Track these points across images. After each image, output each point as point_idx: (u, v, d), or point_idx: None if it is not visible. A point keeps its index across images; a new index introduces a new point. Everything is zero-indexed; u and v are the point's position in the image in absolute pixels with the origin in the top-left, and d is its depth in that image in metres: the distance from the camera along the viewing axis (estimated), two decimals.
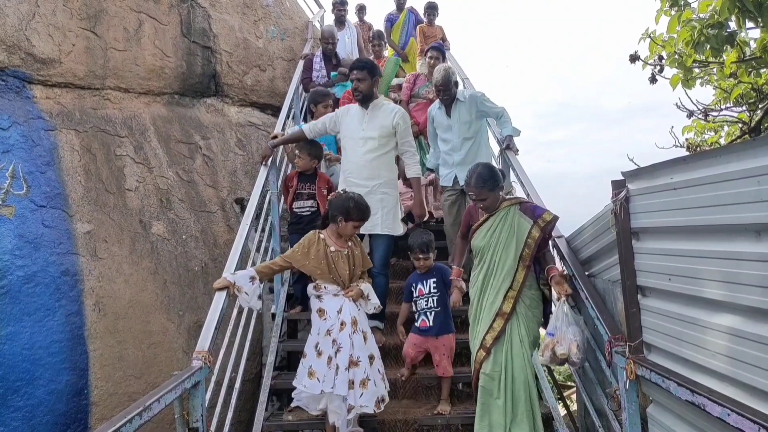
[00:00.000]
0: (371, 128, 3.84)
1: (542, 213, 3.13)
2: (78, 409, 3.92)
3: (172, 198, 5.03)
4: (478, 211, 3.29)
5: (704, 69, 4.59)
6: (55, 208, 4.19)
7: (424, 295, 3.58)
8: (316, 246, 3.21)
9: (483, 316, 3.15)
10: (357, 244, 3.36)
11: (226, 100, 6.27)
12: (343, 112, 4.03)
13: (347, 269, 3.23)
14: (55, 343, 3.89)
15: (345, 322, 3.10)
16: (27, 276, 3.89)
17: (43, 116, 4.45)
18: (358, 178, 3.83)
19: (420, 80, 5.85)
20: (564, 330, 2.84)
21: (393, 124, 3.83)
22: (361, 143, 3.84)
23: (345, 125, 3.97)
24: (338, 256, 3.21)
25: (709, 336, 1.94)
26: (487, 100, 4.53)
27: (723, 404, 1.76)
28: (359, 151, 3.84)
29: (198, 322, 4.64)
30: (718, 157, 1.89)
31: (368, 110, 3.88)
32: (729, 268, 1.83)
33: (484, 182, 3.12)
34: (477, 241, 3.24)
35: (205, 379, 2.45)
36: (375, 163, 3.83)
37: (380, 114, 3.87)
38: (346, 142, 3.96)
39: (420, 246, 3.57)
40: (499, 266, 3.11)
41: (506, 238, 3.12)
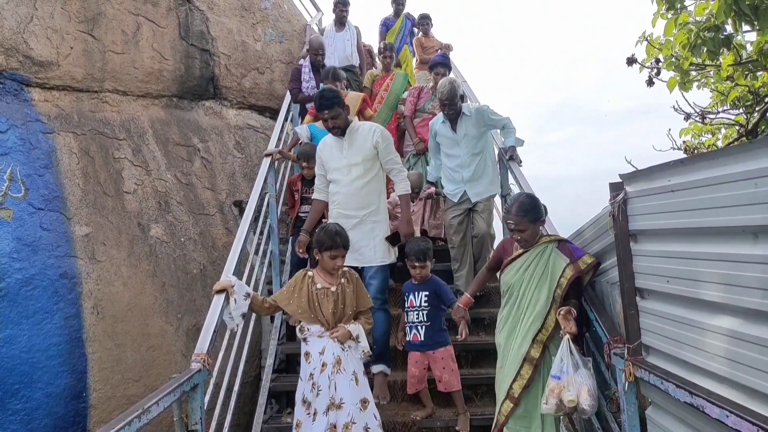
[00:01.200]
0: (353, 154, 3.62)
1: (583, 255, 2.86)
2: (76, 412, 3.91)
3: (170, 201, 5.03)
4: (513, 245, 3.03)
5: (701, 72, 4.61)
6: (53, 211, 4.18)
7: (414, 307, 3.45)
8: (300, 285, 3.00)
9: (509, 362, 2.85)
10: (351, 281, 3.07)
11: (224, 103, 6.27)
12: (320, 149, 3.79)
13: (331, 308, 2.95)
14: (53, 346, 3.88)
15: (326, 363, 2.86)
16: (25, 279, 3.88)
17: (41, 119, 4.45)
18: (347, 208, 3.58)
19: (425, 94, 5.65)
20: (572, 373, 2.55)
21: (373, 143, 3.59)
22: (345, 171, 3.61)
23: (328, 159, 3.72)
24: (324, 294, 2.97)
25: (708, 338, 1.95)
26: (492, 113, 4.37)
27: (722, 406, 1.77)
28: (345, 180, 3.61)
29: (196, 324, 4.63)
30: (715, 160, 1.90)
31: (345, 137, 3.64)
32: (727, 270, 1.84)
33: (525, 212, 2.86)
34: (508, 276, 2.96)
35: (204, 381, 2.45)
36: (364, 191, 3.60)
37: (359, 137, 3.64)
38: (334, 174, 3.68)
39: (417, 253, 3.42)
40: (529, 307, 2.84)
41: (539, 276, 2.85)
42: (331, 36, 7.02)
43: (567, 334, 2.63)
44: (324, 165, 3.74)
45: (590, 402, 2.51)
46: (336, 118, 3.55)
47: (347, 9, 7.23)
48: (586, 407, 2.51)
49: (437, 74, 5.32)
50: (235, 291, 2.87)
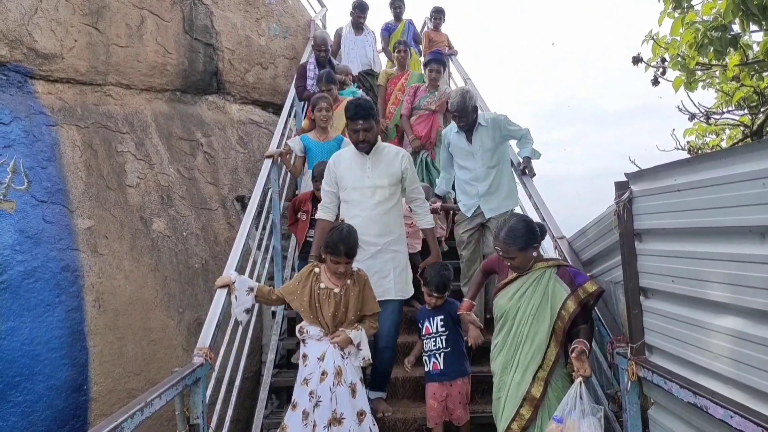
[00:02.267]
0: (378, 175, 3.30)
1: (584, 282, 2.65)
2: (77, 404, 3.91)
3: (173, 195, 5.02)
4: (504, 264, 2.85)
5: (707, 72, 4.59)
6: (55, 204, 4.18)
7: (431, 334, 3.24)
8: (305, 281, 2.89)
9: (508, 398, 2.68)
10: (358, 283, 2.91)
11: (227, 98, 6.27)
12: (335, 162, 3.42)
13: (332, 311, 2.80)
14: (54, 338, 3.88)
15: (327, 372, 2.71)
16: (27, 271, 3.88)
17: (45, 111, 4.44)
18: (368, 234, 3.20)
19: (421, 92, 5.56)
20: (576, 419, 2.33)
21: (401, 169, 3.33)
22: (369, 193, 3.28)
23: (345, 176, 3.36)
24: (326, 294, 2.82)
25: (712, 338, 1.94)
26: (510, 123, 4.14)
27: (726, 406, 1.76)
28: (368, 203, 3.27)
29: (198, 319, 4.63)
30: (722, 159, 1.89)
31: (370, 155, 3.33)
32: (733, 270, 1.83)
33: (514, 239, 2.66)
34: (502, 301, 2.77)
35: (206, 375, 2.45)
36: (387, 216, 3.30)
37: (384, 158, 3.34)
38: (351, 194, 3.33)
39: (438, 285, 3.20)
40: (527, 339, 2.65)
41: (537, 306, 2.65)
42: (350, 39, 6.94)
43: (580, 377, 2.43)
44: (338, 182, 3.38)
45: None
46: (369, 130, 3.25)
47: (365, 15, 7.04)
48: None
49: (431, 71, 5.35)
50: (236, 287, 2.80)
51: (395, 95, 5.97)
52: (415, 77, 6.03)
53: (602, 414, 2.42)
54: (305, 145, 4.55)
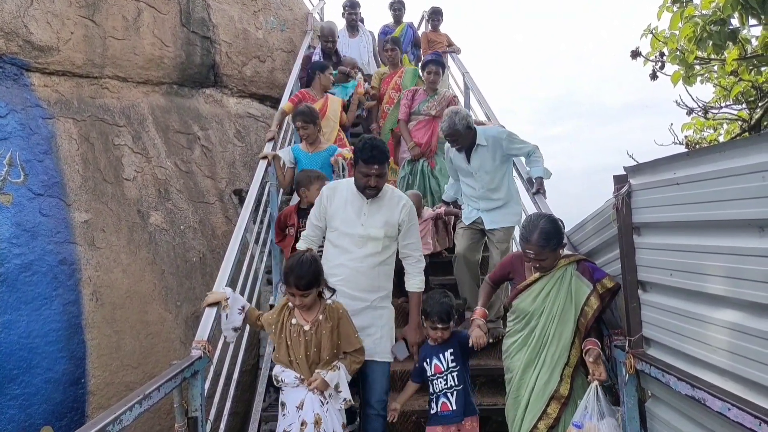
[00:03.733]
0: (374, 224, 2.90)
1: (602, 277, 2.65)
2: (75, 397, 3.91)
3: (170, 188, 5.01)
4: (524, 265, 2.78)
5: (705, 66, 4.59)
6: (52, 197, 4.16)
7: (442, 372, 2.90)
8: (278, 314, 2.64)
9: (532, 399, 2.63)
10: (331, 318, 2.59)
11: (225, 91, 6.24)
12: (327, 197, 3.00)
13: (302, 352, 2.54)
14: (52, 331, 3.88)
15: (306, 422, 2.50)
16: (24, 264, 3.87)
17: (41, 104, 4.41)
18: (354, 288, 2.87)
19: (419, 95, 5.19)
20: (595, 423, 2.36)
21: (400, 220, 2.94)
22: (360, 243, 2.90)
23: (337, 216, 2.95)
24: (297, 332, 2.55)
25: (710, 331, 1.95)
26: (515, 140, 3.81)
27: (723, 399, 1.77)
28: (358, 254, 2.90)
29: (195, 312, 4.63)
30: (721, 153, 1.89)
31: (369, 200, 2.93)
32: (732, 263, 1.83)
33: (547, 241, 2.61)
34: (524, 303, 2.70)
35: (205, 368, 2.45)
36: (377, 271, 2.93)
37: (384, 206, 2.95)
38: (340, 239, 2.94)
39: (440, 314, 2.84)
40: (554, 339, 2.62)
41: (562, 305, 2.63)
42: (344, 43, 6.76)
43: (596, 380, 2.46)
44: (328, 219, 2.99)
45: None
46: (382, 176, 2.84)
47: (356, 11, 6.86)
48: None
49: (429, 73, 5.05)
50: (229, 305, 2.63)
51: (389, 94, 5.73)
52: (410, 73, 5.79)
53: (620, 414, 2.47)
54: (296, 157, 4.35)
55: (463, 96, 6.24)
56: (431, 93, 5.17)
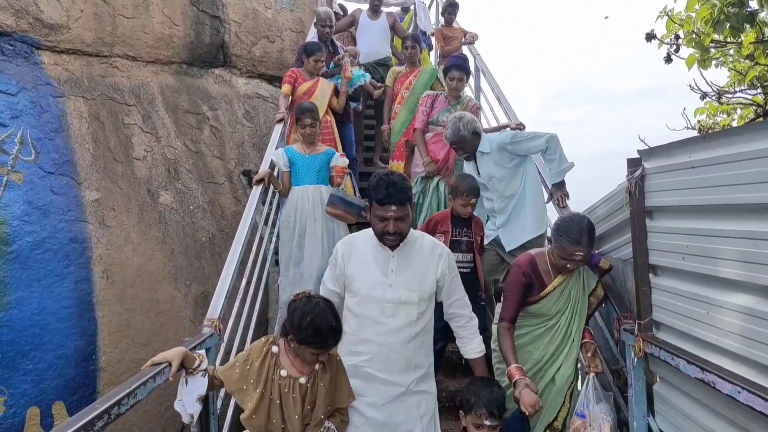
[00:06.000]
0: (406, 284, 2.27)
1: (598, 261, 2.70)
2: (86, 374, 3.97)
3: (179, 168, 5.02)
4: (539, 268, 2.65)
5: (721, 49, 4.52)
6: (63, 176, 4.18)
7: None
8: (260, 366, 2.01)
9: (554, 393, 2.61)
10: (329, 368, 2.10)
11: (234, 71, 6.21)
12: (343, 255, 2.35)
13: (299, 411, 2.00)
14: (64, 309, 3.92)
15: None
16: (36, 242, 3.90)
17: (51, 83, 4.41)
18: (385, 370, 2.25)
19: (440, 103, 4.56)
20: (595, 410, 2.47)
21: (439, 275, 2.33)
22: (390, 310, 2.25)
23: (358, 277, 2.32)
24: (290, 386, 2.00)
25: (722, 315, 1.95)
26: (522, 140, 3.45)
27: (734, 382, 1.77)
28: (389, 325, 2.25)
29: (204, 292, 4.67)
30: (738, 136, 1.87)
31: (395, 251, 2.31)
32: (745, 247, 1.83)
33: (593, 240, 2.54)
34: (546, 307, 2.62)
35: (216, 346, 2.47)
36: (414, 344, 2.29)
37: (416, 258, 2.32)
38: (362, 305, 2.30)
39: (489, 406, 2.22)
40: (576, 333, 2.63)
41: (579, 300, 2.65)
42: (365, 24, 6.42)
43: (593, 372, 2.57)
44: (347, 282, 2.35)
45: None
46: (403, 220, 2.22)
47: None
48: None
49: (452, 79, 4.43)
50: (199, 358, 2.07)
51: (401, 94, 5.23)
52: (426, 74, 5.27)
53: (612, 397, 2.62)
54: (290, 159, 4.00)
55: (474, 79, 6.15)
56: (453, 101, 4.54)
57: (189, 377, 1.99)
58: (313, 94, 4.90)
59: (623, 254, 2.77)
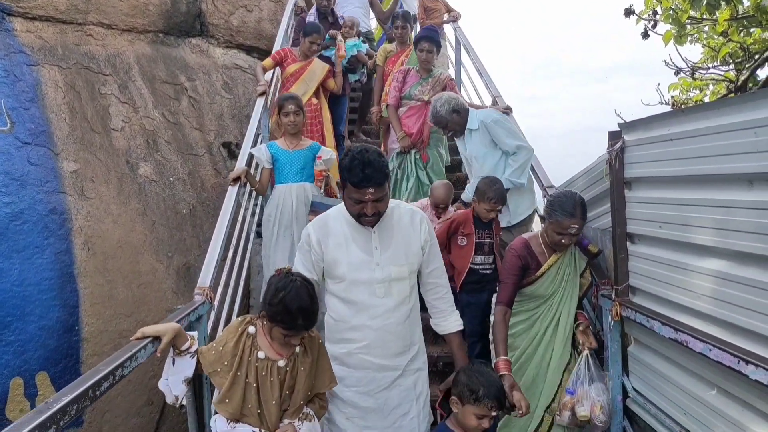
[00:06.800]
0: (393, 260, 2.13)
1: (588, 244, 2.75)
2: (69, 344, 3.96)
3: (158, 140, 4.95)
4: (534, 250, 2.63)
5: (697, 26, 4.62)
6: (40, 146, 4.10)
7: None
8: (234, 346, 1.90)
9: (550, 375, 2.60)
10: (311, 350, 1.98)
11: (211, 41, 6.10)
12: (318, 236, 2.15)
13: (276, 396, 1.89)
14: (45, 280, 3.89)
15: None
16: (14, 213, 3.84)
17: (25, 50, 4.29)
18: (382, 355, 2.14)
19: (411, 77, 4.58)
20: (586, 388, 2.47)
21: (422, 242, 2.19)
22: (382, 291, 2.11)
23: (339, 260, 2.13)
24: (267, 369, 1.88)
25: (696, 279, 2.06)
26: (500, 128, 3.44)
27: (705, 340, 1.90)
28: (383, 306, 2.11)
29: (186, 264, 4.67)
30: (716, 110, 1.96)
31: (376, 227, 2.14)
32: (720, 215, 1.93)
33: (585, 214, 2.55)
34: (541, 289, 2.63)
35: (207, 313, 2.51)
36: (409, 323, 2.18)
37: (398, 230, 2.17)
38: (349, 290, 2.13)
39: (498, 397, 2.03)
40: (564, 313, 2.64)
41: (573, 280, 2.67)
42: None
43: (587, 349, 2.57)
44: (327, 268, 2.16)
45: (603, 419, 2.43)
46: (381, 201, 2.04)
47: None
48: (598, 423, 2.42)
49: (421, 51, 4.43)
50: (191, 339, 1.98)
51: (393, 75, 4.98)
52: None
53: (607, 377, 2.61)
54: (273, 155, 3.78)
55: (455, 52, 6.16)
56: (424, 75, 4.56)
57: (177, 357, 1.91)
58: (301, 76, 4.77)
59: (602, 224, 2.88)
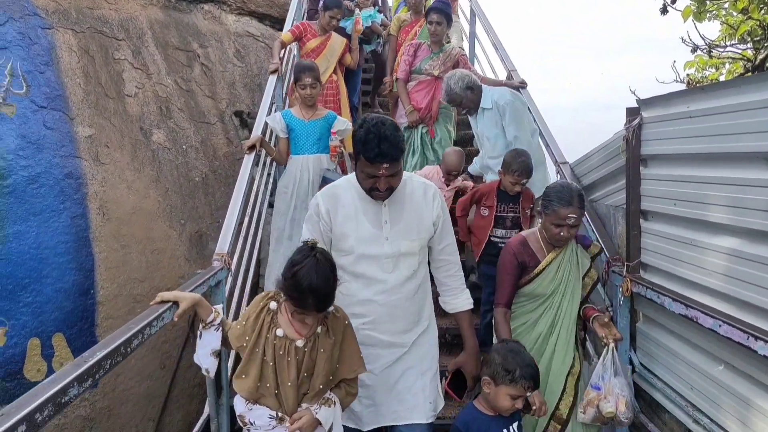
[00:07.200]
0: (403, 234, 2.08)
1: (590, 243, 2.61)
2: (84, 307, 4.04)
3: (171, 107, 4.96)
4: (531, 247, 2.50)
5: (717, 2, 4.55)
6: (55, 110, 4.12)
7: None
8: (254, 321, 1.85)
9: (551, 379, 2.42)
10: (334, 331, 1.87)
11: (223, 8, 6.05)
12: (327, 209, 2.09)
13: (293, 377, 1.80)
14: (61, 243, 3.95)
15: None
16: (31, 177, 3.88)
17: (39, 13, 4.27)
18: (388, 331, 2.09)
19: (422, 51, 4.53)
20: (612, 383, 2.32)
21: (434, 218, 2.13)
22: (390, 266, 2.07)
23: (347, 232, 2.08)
24: (285, 348, 1.80)
25: (708, 256, 2.09)
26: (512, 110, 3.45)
27: (715, 316, 1.93)
28: (390, 281, 2.07)
29: (199, 231, 4.73)
30: (737, 87, 1.96)
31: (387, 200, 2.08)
32: (736, 193, 1.95)
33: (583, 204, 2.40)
34: (541, 287, 2.46)
35: (225, 279, 2.56)
36: (417, 298, 2.14)
37: (408, 204, 2.11)
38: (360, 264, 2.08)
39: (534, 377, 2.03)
40: (566, 314, 2.45)
41: (575, 279, 2.48)
42: None
43: (612, 342, 2.36)
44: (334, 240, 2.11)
45: (628, 415, 2.32)
46: (395, 176, 2.00)
47: None
48: (623, 419, 2.32)
49: (431, 23, 4.40)
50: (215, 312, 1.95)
51: (406, 45, 4.96)
52: None
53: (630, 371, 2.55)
54: (288, 124, 3.70)
55: (470, 24, 6.09)
56: (435, 49, 4.52)
57: (204, 331, 1.90)
58: (322, 52, 4.68)
59: (615, 201, 2.90)
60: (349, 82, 5.11)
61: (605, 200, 3.03)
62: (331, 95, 4.71)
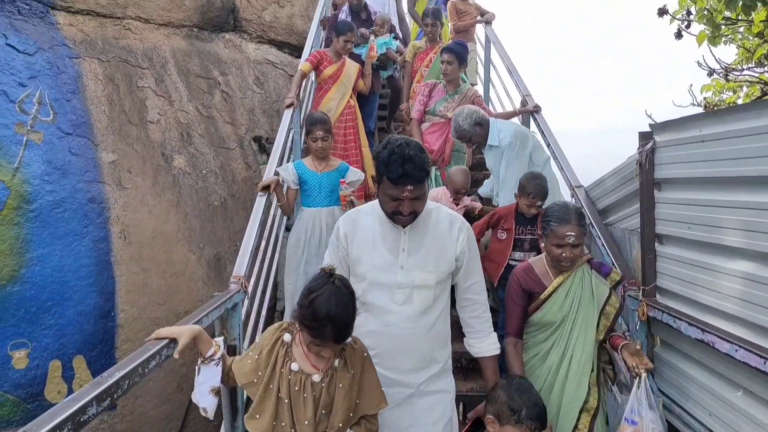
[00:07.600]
0: (420, 265, 1.97)
1: (609, 271, 2.45)
2: (105, 330, 4.11)
3: (192, 132, 5.09)
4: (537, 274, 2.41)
5: (731, 27, 4.56)
6: (81, 137, 4.26)
7: None
8: (267, 356, 1.74)
9: (562, 413, 2.28)
10: (352, 364, 1.77)
11: (244, 36, 6.22)
12: (346, 233, 2.03)
13: (310, 414, 1.68)
14: (83, 267, 4.04)
15: None
16: (56, 201, 4.00)
17: (67, 43, 4.45)
18: (395, 368, 1.97)
19: (438, 92, 4.44)
20: (648, 416, 2.15)
21: (458, 252, 2.01)
22: (401, 297, 1.96)
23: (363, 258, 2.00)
24: (301, 384, 1.70)
25: (723, 280, 2.08)
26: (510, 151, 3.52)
27: (732, 341, 1.91)
28: (401, 314, 1.95)
29: (217, 255, 4.79)
30: (749, 112, 1.97)
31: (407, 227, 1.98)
32: (749, 217, 1.94)
33: (583, 219, 2.33)
34: (549, 315, 2.35)
35: (241, 301, 2.60)
36: (431, 336, 2.00)
37: (430, 231, 2.01)
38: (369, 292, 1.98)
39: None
40: (578, 345, 2.32)
41: (586, 308, 2.34)
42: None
43: (645, 372, 2.17)
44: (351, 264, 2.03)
45: None
46: (419, 199, 1.90)
47: None
48: None
49: (442, 62, 4.38)
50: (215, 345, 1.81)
51: (421, 72, 5.08)
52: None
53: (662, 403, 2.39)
54: (300, 176, 3.55)
55: (484, 50, 6.17)
56: (451, 90, 4.44)
57: (202, 366, 1.76)
58: (338, 78, 4.78)
59: (630, 224, 2.89)
60: (364, 107, 5.19)
61: (620, 224, 3.02)
62: (350, 120, 4.80)
